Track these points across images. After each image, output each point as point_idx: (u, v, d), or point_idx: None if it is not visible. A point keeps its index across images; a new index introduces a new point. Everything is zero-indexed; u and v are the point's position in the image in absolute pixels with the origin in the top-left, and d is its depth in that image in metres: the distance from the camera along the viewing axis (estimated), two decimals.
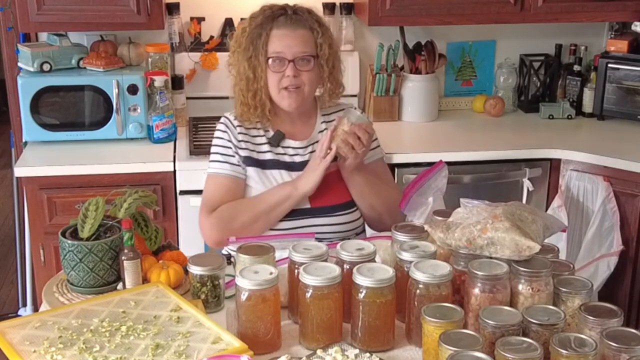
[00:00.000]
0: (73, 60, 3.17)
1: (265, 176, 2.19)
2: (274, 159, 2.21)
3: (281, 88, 2.15)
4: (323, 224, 2.17)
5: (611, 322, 1.51)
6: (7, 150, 5.10)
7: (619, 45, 3.40)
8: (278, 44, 2.13)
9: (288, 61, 2.13)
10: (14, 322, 1.64)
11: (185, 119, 3.36)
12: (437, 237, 1.73)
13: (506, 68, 3.63)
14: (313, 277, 1.59)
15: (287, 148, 2.23)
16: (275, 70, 2.14)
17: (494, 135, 3.34)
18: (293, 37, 2.14)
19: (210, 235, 2.18)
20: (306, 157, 2.22)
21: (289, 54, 2.13)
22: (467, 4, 3.23)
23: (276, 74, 2.14)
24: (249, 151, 2.20)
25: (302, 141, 2.24)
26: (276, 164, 2.20)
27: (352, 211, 2.22)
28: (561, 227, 1.84)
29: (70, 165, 2.91)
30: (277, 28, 2.14)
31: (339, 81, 2.26)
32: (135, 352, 1.52)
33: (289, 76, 2.13)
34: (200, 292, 1.77)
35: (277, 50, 2.13)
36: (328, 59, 2.19)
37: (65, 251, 1.81)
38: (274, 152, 2.21)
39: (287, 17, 2.16)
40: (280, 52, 2.13)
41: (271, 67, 2.14)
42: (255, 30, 2.15)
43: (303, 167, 2.19)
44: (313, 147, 2.23)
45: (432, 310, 1.53)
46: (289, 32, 2.14)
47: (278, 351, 1.62)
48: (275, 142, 2.21)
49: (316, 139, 2.25)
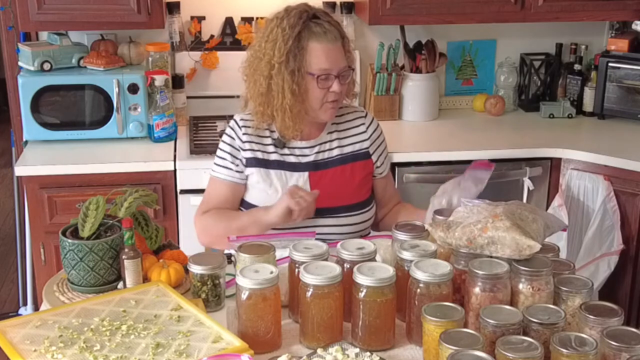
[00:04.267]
0: (73, 59, 3.17)
1: (268, 176, 2.19)
2: (279, 160, 2.20)
3: (325, 102, 2.14)
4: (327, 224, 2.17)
5: (612, 321, 1.51)
6: (7, 150, 5.10)
7: (620, 45, 3.40)
8: (324, 60, 2.09)
9: (334, 77, 2.11)
10: (15, 321, 1.64)
11: (185, 118, 3.36)
12: (438, 236, 1.73)
13: (507, 67, 3.63)
14: (313, 276, 1.59)
15: (293, 149, 2.22)
16: (322, 87, 2.10)
17: (495, 134, 3.34)
18: (335, 52, 2.10)
19: (198, 235, 2.23)
20: (312, 157, 2.21)
21: (335, 70, 2.10)
22: (468, 3, 3.23)
23: (321, 90, 2.11)
24: (253, 152, 2.20)
25: (308, 141, 2.23)
26: (280, 165, 2.20)
27: (357, 213, 2.22)
28: (562, 226, 1.84)
29: (71, 165, 2.91)
30: (317, 41, 2.08)
31: (354, 80, 2.27)
32: (136, 351, 1.52)
33: (334, 91, 2.12)
34: (200, 291, 1.77)
35: (323, 67, 2.09)
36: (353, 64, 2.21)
37: (65, 250, 1.81)
38: (279, 153, 2.21)
39: (323, 29, 2.09)
40: (328, 69, 2.09)
41: (319, 85, 2.10)
42: (293, 44, 2.07)
43: (308, 168, 2.20)
44: (320, 147, 2.22)
45: (432, 310, 1.53)
46: (330, 45, 2.09)
47: (278, 350, 1.62)
48: (281, 145, 2.21)
49: (324, 140, 2.24)
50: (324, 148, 2.23)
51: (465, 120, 3.52)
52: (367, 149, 2.27)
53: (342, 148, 2.25)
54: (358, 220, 2.22)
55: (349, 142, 2.26)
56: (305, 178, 2.19)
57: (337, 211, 2.19)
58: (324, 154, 2.23)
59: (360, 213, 2.23)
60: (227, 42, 3.42)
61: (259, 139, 2.21)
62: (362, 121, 2.30)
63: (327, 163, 2.22)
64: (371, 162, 2.28)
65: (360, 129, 2.29)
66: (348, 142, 2.26)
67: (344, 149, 2.25)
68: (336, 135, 2.25)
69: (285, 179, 2.19)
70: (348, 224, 2.20)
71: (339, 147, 2.24)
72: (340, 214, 2.19)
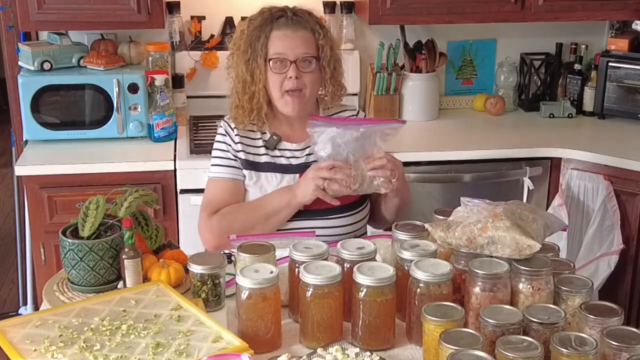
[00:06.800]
0: (73, 59, 3.17)
1: (259, 178, 2.18)
2: (270, 162, 2.19)
3: (283, 92, 2.13)
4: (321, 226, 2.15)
5: (612, 321, 1.51)
6: (7, 149, 5.10)
7: (620, 44, 3.40)
8: (279, 44, 2.11)
9: (290, 62, 2.11)
10: (15, 320, 1.64)
11: (185, 118, 3.36)
12: (438, 236, 1.73)
13: (507, 67, 3.63)
14: (313, 276, 1.59)
15: (284, 151, 2.21)
16: (277, 72, 2.11)
17: (495, 134, 3.34)
18: (294, 38, 2.11)
19: (208, 239, 2.17)
20: (302, 159, 2.21)
21: (291, 55, 2.10)
22: (468, 2, 3.23)
23: (278, 76, 2.11)
24: (245, 154, 2.19)
25: (299, 143, 2.23)
26: (271, 167, 2.19)
27: (352, 213, 2.20)
28: (562, 226, 1.84)
29: (71, 164, 2.92)
30: (277, 29, 2.12)
31: (341, 83, 2.25)
32: (136, 351, 1.51)
33: (291, 77, 2.11)
34: (200, 290, 1.77)
35: (278, 51, 2.11)
36: (329, 60, 2.17)
37: (65, 250, 1.81)
38: (270, 154, 2.20)
39: (287, 18, 2.13)
40: (282, 53, 2.10)
41: (272, 69, 2.11)
42: (254, 33, 2.12)
43: (299, 170, 2.18)
44: (311, 149, 2.20)
45: (432, 309, 1.53)
46: (290, 32, 2.11)
47: (278, 350, 1.62)
48: (272, 146, 2.20)
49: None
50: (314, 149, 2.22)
51: (465, 120, 3.52)
52: None
53: None
54: (351, 220, 2.20)
55: None
56: (296, 179, 2.17)
57: (330, 212, 2.16)
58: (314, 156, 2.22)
59: (354, 213, 2.21)
60: (227, 41, 3.42)
61: (250, 141, 2.21)
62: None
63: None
64: None
65: None
66: None
67: None
68: None
69: (276, 181, 2.18)
70: (341, 225, 2.18)
71: None
72: (332, 215, 2.16)
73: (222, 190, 2.19)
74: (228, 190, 2.19)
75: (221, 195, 2.18)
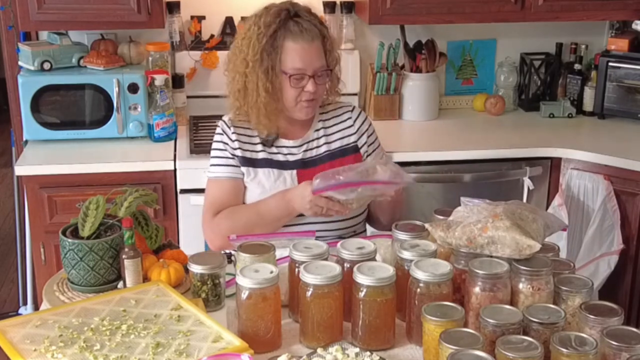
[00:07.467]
0: (73, 59, 3.17)
1: (257, 175, 2.18)
2: (267, 158, 2.20)
3: (299, 101, 2.14)
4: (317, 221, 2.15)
5: (612, 321, 1.51)
6: (7, 149, 5.10)
7: (620, 44, 3.40)
8: (297, 59, 2.09)
9: (309, 77, 2.11)
10: (15, 320, 1.64)
11: (185, 118, 3.36)
12: (438, 236, 1.73)
13: (507, 67, 3.63)
14: (313, 276, 1.59)
15: (281, 147, 2.22)
16: (295, 87, 2.11)
17: (495, 134, 3.34)
18: (310, 51, 2.10)
19: (213, 240, 2.19)
20: (299, 155, 2.21)
21: (310, 70, 2.10)
22: (468, 2, 3.23)
23: (295, 89, 2.11)
24: (242, 151, 2.20)
25: (296, 140, 2.23)
26: (268, 163, 2.19)
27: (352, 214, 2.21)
28: (562, 226, 1.84)
29: (71, 164, 2.91)
30: (291, 40, 2.09)
31: (339, 77, 2.26)
32: (136, 351, 1.51)
33: (308, 91, 2.12)
34: (200, 290, 1.77)
35: (297, 67, 2.09)
36: (335, 64, 2.19)
37: (65, 250, 1.81)
38: (267, 151, 2.21)
39: (296, 24, 2.09)
40: (301, 69, 2.09)
41: (292, 84, 2.10)
42: (269, 42, 2.09)
43: (296, 166, 2.19)
44: (308, 145, 2.22)
45: (432, 309, 1.53)
46: (306, 45, 2.09)
47: (278, 350, 1.62)
48: (269, 143, 2.21)
49: (311, 138, 2.24)
50: (311, 146, 2.23)
51: (465, 120, 3.52)
52: (355, 142, 2.27)
53: (329, 144, 2.25)
54: (352, 223, 2.21)
55: (336, 138, 2.26)
56: (293, 176, 2.19)
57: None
58: (311, 152, 2.23)
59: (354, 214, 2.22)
60: (227, 41, 3.41)
61: (247, 138, 2.22)
62: (349, 115, 2.30)
63: (315, 160, 2.22)
64: (360, 156, 2.27)
65: (347, 124, 2.28)
66: (335, 138, 2.26)
67: (331, 145, 2.25)
68: (323, 132, 2.26)
69: (273, 177, 2.18)
70: (341, 228, 2.19)
71: (326, 143, 2.25)
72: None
73: (222, 190, 2.20)
74: (228, 190, 2.19)
75: (222, 195, 2.19)
